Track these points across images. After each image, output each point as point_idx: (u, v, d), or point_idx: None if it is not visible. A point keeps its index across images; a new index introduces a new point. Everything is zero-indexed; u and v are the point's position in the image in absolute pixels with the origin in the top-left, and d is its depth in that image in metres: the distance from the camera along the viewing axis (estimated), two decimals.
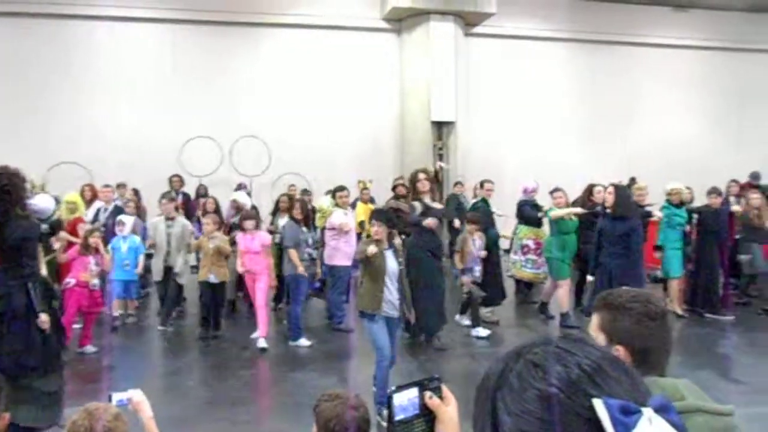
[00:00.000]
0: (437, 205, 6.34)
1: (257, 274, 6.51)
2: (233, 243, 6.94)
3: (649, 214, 7.43)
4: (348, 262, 6.94)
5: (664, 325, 1.60)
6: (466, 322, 7.13)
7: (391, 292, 4.62)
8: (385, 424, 4.62)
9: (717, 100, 14.95)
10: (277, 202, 8.13)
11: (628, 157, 13.38)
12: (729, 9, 14.44)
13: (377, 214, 4.85)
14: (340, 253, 7.09)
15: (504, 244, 8.27)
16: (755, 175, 11.08)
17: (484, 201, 7.92)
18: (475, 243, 6.99)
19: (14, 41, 11.28)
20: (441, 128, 12.37)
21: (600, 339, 1.66)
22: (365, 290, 4.67)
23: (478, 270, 6.95)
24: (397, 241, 4.95)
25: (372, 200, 8.94)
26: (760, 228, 7.93)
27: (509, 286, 8.33)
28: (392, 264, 4.65)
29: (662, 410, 0.65)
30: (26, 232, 3.88)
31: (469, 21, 12.71)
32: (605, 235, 5.89)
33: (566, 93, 13.92)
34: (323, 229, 7.70)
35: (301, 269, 6.48)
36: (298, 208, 6.85)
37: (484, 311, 7.32)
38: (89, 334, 6.28)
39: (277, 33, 12.38)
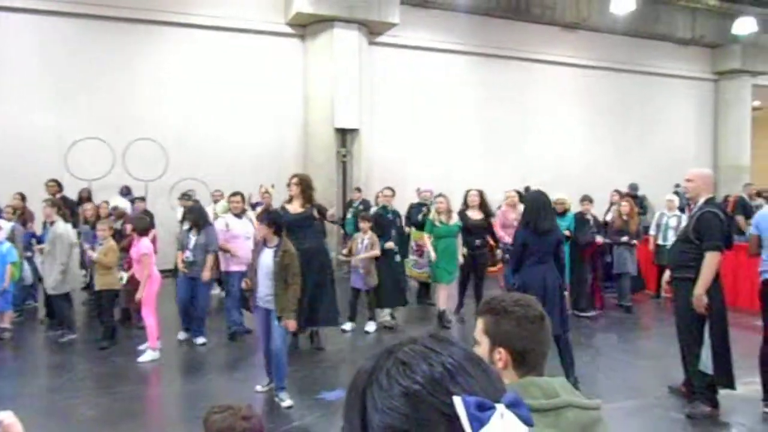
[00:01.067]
0: (299, 211, 6.33)
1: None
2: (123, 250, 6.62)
3: None
4: (241, 268, 6.79)
5: (542, 327, 1.68)
6: (348, 326, 7.25)
7: (265, 287, 4.99)
8: (284, 404, 4.72)
9: (602, 116, 16.10)
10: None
11: (523, 168, 14.06)
12: (611, 32, 15.59)
13: (261, 216, 5.33)
14: (233, 259, 6.98)
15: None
16: (634, 187, 12.02)
17: (384, 207, 8.04)
18: (363, 242, 7.12)
19: None
20: (345, 135, 12.42)
21: (484, 342, 1.72)
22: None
23: (362, 268, 7.10)
24: (293, 249, 5.06)
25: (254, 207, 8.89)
26: (626, 232, 8.61)
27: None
28: (266, 261, 4.95)
29: (513, 406, 0.69)
30: None
31: (372, 30, 12.87)
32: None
33: (465, 104, 14.44)
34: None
35: (183, 270, 6.73)
36: (189, 213, 6.95)
37: (383, 314, 7.45)
38: None
39: (178, 32, 11.90)
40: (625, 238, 8.53)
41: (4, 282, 6.81)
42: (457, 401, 0.66)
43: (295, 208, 6.23)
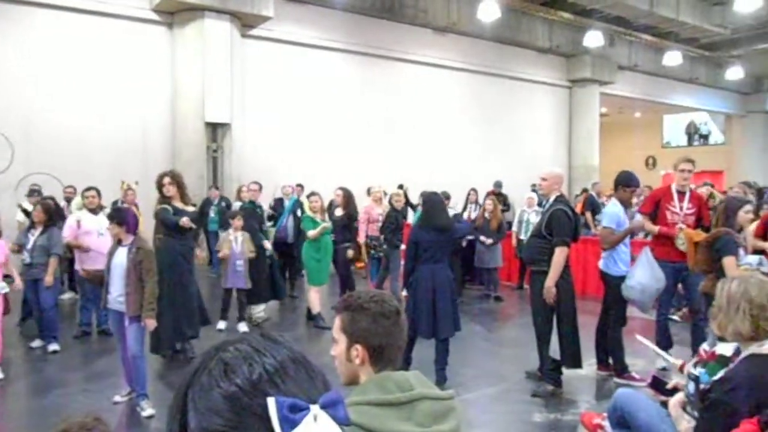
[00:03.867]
0: (189, 209, 6.14)
1: None
2: None
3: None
4: (96, 266, 6.35)
5: (397, 323, 1.72)
6: (223, 326, 7.09)
7: (117, 288, 4.80)
8: (145, 413, 4.47)
9: (470, 118, 16.90)
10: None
11: (394, 166, 14.38)
12: (479, 37, 16.42)
13: (111, 213, 5.15)
14: (88, 257, 6.56)
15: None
16: (498, 184, 12.74)
17: (252, 203, 7.90)
18: (237, 240, 6.98)
19: None
20: (215, 130, 11.99)
21: (342, 339, 1.74)
22: None
23: (240, 265, 6.96)
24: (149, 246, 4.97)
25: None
26: (488, 228, 9.19)
27: None
28: (120, 260, 4.79)
29: (329, 406, 0.70)
30: None
31: (245, 22, 12.52)
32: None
33: (339, 101, 14.50)
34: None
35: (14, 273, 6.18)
36: (37, 210, 6.37)
37: (256, 310, 7.33)
38: None
39: (31, 12, 10.78)
40: (482, 238, 9.10)
41: None
42: (270, 402, 0.66)
43: (183, 206, 6.00)
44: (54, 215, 6.51)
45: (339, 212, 7.85)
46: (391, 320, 1.70)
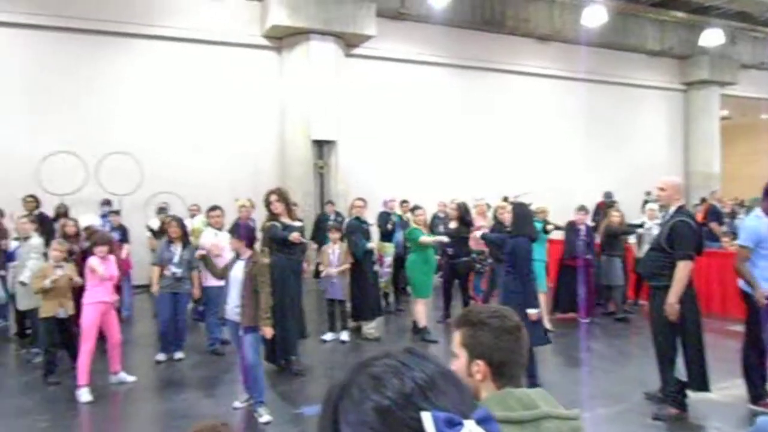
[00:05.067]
0: (296, 224, 6.34)
1: (110, 305, 5.92)
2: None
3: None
4: (221, 283, 6.70)
5: (519, 338, 1.68)
6: (330, 337, 7.26)
7: (233, 299, 5.02)
8: (262, 420, 4.66)
9: (576, 126, 16.32)
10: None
11: (496, 178, 14.16)
12: (584, 44, 15.86)
13: (232, 228, 5.33)
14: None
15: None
16: (608, 195, 12.18)
17: (357, 218, 8.06)
18: (335, 252, 7.19)
19: None
20: (322, 147, 12.41)
21: (462, 354, 1.72)
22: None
23: (334, 275, 7.22)
24: (264, 260, 5.18)
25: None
26: (618, 242, 8.68)
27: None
28: (238, 273, 5.02)
29: (483, 422, 0.69)
30: None
31: (349, 42, 12.92)
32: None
33: (441, 115, 14.54)
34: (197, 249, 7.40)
35: (154, 287, 6.72)
36: (174, 227, 6.80)
37: (366, 327, 7.43)
38: None
39: (151, 45, 11.82)
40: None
41: None
42: (426, 417, 0.66)
43: (291, 221, 6.22)
44: (186, 232, 6.97)
45: (453, 225, 7.83)
46: (513, 336, 1.67)
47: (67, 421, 5.05)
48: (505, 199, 10.69)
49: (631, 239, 9.17)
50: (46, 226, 7.95)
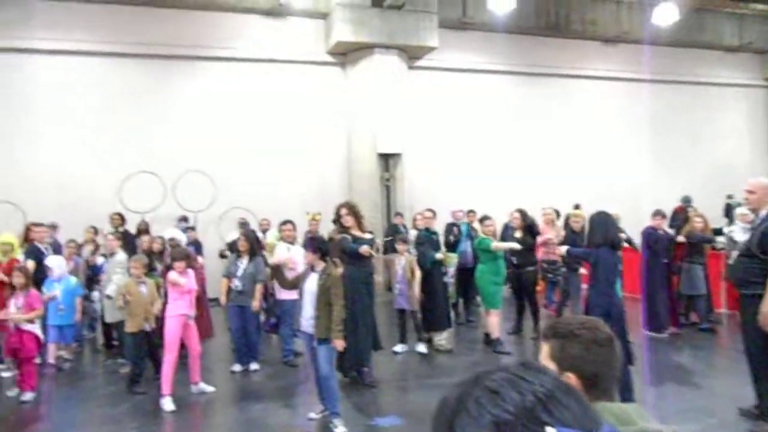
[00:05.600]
0: (366, 236, 6.37)
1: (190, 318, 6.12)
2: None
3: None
4: (294, 296, 6.83)
5: (612, 350, 1.62)
6: (401, 349, 7.18)
7: (308, 312, 5.10)
8: (337, 431, 4.69)
9: (647, 129, 15.71)
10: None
11: (568, 183, 13.82)
12: (654, 44, 15.30)
13: (307, 242, 5.44)
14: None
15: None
16: (686, 200, 11.64)
17: (427, 230, 8.06)
18: (401, 263, 7.20)
19: None
20: (387, 160, 12.49)
21: (550, 367, 1.67)
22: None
23: (399, 288, 7.24)
24: (339, 270, 5.22)
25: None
26: (700, 249, 8.24)
27: None
28: (312, 286, 5.09)
29: None
30: None
31: (412, 54, 12.99)
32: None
33: (507, 124, 14.35)
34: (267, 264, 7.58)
35: (222, 299, 6.98)
36: (242, 240, 7.02)
37: (438, 338, 7.38)
38: (26, 379, 5.94)
39: (221, 66, 12.30)
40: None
41: (78, 314, 7.12)
42: None
43: (361, 234, 6.27)
44: (255, 245, 7.18)
45: (518, 234, 7.71)
46: (605, 348, 1.61)
47: (154, 428, 5.25)
48: (577, 207, 10.44)
49: (720, 242, 8.64)
50: (129, 242, 8.35)
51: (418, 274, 7.24)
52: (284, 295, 7.00)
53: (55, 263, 7.04)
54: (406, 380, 6.45)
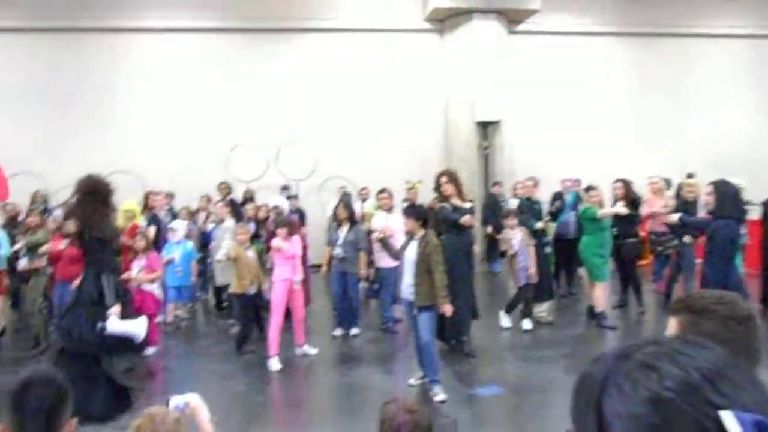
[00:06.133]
0: (466, 206, 6.26)
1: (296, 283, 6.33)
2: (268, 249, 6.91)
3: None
4: (393, 264, 6.90)
5: (753, 328, 1.49)
6: (506, 323, 7.04)
7: (408, 279, 5.10)
8: (437, 398, 4.73)
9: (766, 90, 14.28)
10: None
11: (679, 152, 12.92)
12: None
13: (407, 210, 5.38)
14: (386, 254, 7.08)
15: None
16: None
17: (528, 199, 7.83)
18: (516, 236, 6.96)
19: (70, 55, 11.77)
20: (486, 128, 12.22)
21: None
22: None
23: (521, 261, 6.92)
24: (436, 240, 5.20)
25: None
26: None
27: None
28: (410, 254, 5.10)
29: None
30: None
31: (512, 18, 12.53)
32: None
33: (614, 89, 13.56)
34: (370, 231, 7.70)
35: (324, 267, 7.22)
36: (340, 209, 7.19)
37: (538, 310, 7.22)
38: (148, 335, 6.44)
39: (318, 37, 12.48)
40: None
41: (192, 276, 7.66)
42: (727, 417, 0.56)
43: (461, 203, 6.21)
44: (354, 213, 7.31)
45: (620, 204, 7.32)
46: (744, 326, 1.47)
47: (261, 386, 5.55)
48: (690, 176, 9.76)
49: None
50: (236, 210, 8.77)
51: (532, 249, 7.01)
52: (384, 262, 7.09)
53: (179, 226, 7.66)
54: (506, 351, 6.38)
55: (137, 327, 4.81)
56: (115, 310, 4.66)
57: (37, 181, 10.22)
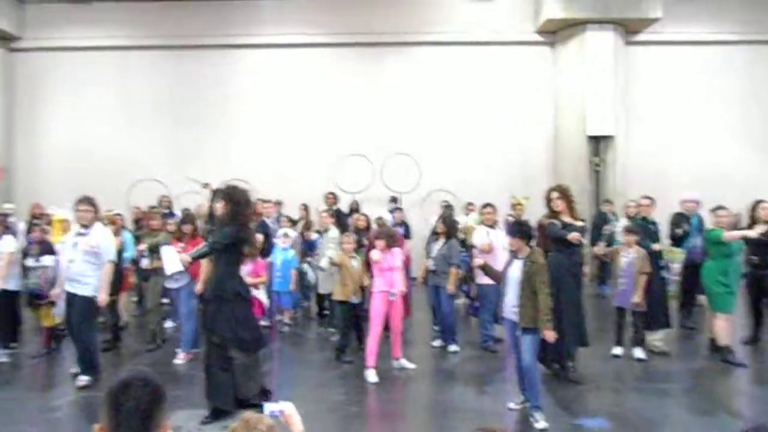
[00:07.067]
0: (578, 223, 5.93)
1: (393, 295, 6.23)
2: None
3: None
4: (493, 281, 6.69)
5: None
6: (618, 351, 6.57)
7: (511, 299, 4.90)
8: (538, 425, 4.48)
9: None
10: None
11: None
12: None
13: (512, 227, 5.12)
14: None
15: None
16: None
17: (644, 219, 7.31)
18: (629, 255, 6.46)
19: (191, 70, 12.69)
20: (598, 143, 11.67)
21: None
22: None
23: (623, 284, 6.47)
24: (542, 260, 4.93)
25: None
26: None
27: None
28: (515, 272, 4.88)
29: None
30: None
31: (630, 28, 11.92)
32: None
33: (744, 101, 12.48)
34: (471, 247, 7.53)
35: (419, 279, 7.25)
36: (438, 222, 7.19)
37: (652, 338, 6.70)
38: None
39: (427, 51, 12.57)
40: None
41: (292, 284, 7.85)
42: None
43: (572, 221, 5.94)
44: (453, 228, 7.20)
45: (761, 229, 6.52)
46: None
47: (358, 398, 5.53)
48: None
49: None
50: (341, 220, 8.92)
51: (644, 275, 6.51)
52: (484, 279, 6.88)
53: (292, 233, 8.06)
54: (615, 381, 5.95)
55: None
56: None
57: (159, 187, 10.99)
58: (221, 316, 4.79)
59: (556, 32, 12.19)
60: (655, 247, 6.96)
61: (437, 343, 7.13)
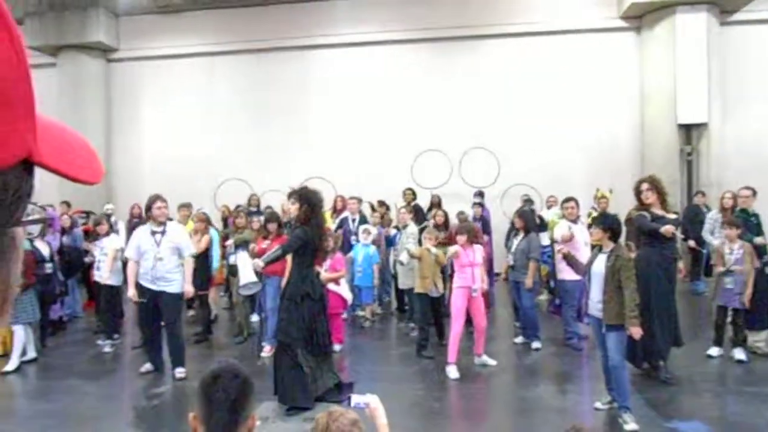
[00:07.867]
0: (670, 216, 5.62)
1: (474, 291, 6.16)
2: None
3: None
4: (576, 276, 6.47)
5: None
6: (714, 352, 6.19)
7: (596, 294, 4.78)
8: (627, 427, 4.31)
9: None
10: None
11: None
12: None
13: (596, 220, 5.13)
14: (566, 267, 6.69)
15: None
16: None
17: (744, 211, 6.85)
18: (734, 252, 6.08)
19: (270, 71, 13.05)
20: (689, 131, 11.03)
21: None
22: None
23: (728, 282, 6.05)
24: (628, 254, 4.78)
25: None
26: None
27: None
28: (599, 267, 4.75)
29: None
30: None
31: (725, 8, 11.17)
32: None
33: None
34: (554, 241, 7.35)
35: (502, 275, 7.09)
36: (516, 217, 7.16)
37: (754, 338, 6.28)
38: (334, 332, 6.78)
39: (503, 43, 12.30)
40: None
41: (375, 280, 7.99)
42: None
43: (664, 213, 5.68)
44: (530, 223, 7.07)
45: None
46: None
47: (439, 394, 5.53)
48: None
49: None
50: (419, 215, 8.93)
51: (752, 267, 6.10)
52: (566, 274, 6.70)
53: (374, 229, 8.13)
54: (713, 383, 5.62)
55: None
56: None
57: (244, 186, 11.42)
58: (289, 317, 4.93)
59: (641, 17, 11.62)
60: (758, 240, 6.52)
61: (519, 339, 7.04)
